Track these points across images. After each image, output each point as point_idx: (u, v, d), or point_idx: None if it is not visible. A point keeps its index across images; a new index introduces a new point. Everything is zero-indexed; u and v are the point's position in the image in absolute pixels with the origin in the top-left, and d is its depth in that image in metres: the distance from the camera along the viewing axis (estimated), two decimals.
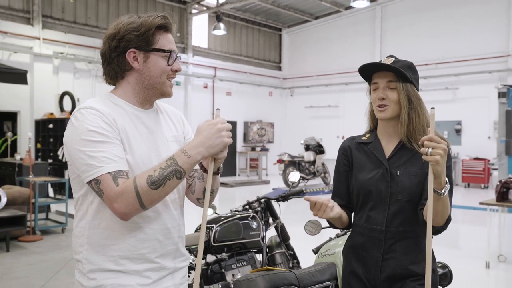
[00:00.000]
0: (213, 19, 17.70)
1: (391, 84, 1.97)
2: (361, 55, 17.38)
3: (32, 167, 8.22)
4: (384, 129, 2.06)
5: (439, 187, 1.74)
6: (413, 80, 1.99)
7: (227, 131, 1.62)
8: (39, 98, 12.95)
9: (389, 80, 1.98)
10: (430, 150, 1.67)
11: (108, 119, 1.61)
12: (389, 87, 1.98)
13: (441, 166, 1.69)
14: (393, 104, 1.97)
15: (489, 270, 5.93)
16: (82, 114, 1.60)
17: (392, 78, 1.97)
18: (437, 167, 1.68)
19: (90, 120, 1.58)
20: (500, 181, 6.06)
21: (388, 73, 1.98)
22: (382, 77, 1.99)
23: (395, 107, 1.97)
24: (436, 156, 1.66)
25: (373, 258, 2.00)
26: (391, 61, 1.99)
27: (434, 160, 1.66)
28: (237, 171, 19.38)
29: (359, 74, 2.08)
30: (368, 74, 2.07)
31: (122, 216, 1.55)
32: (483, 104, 15.17)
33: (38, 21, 13.13)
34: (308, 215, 2.61)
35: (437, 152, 1.66)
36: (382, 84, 1.99)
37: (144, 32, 1.66)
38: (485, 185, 14.74)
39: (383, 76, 1.99)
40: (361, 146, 2.12)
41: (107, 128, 1.59)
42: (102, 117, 1.60)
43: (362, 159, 2.09)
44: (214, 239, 3.47)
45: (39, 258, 6.34)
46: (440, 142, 1.68)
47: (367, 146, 2.10)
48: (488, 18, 15.36)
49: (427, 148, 1.67)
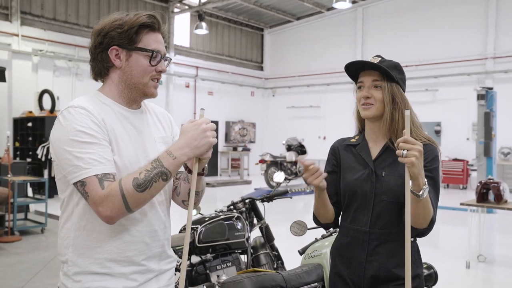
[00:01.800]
0: (195, 18, 17.63)
1: (377, 83, 1.98)
2: (343, 56, 17.49)
3: (11, 166, 8.06)
4: (371, 130, 2.06)
5: (417, 189, 1.72)
6: (399, 80, 2.00)
7: (211, 131, 1.61)
8: (17, 96, 12.73)
9: (375, 79, 1.98)
10: (405, 152, 1.65)
11: (97, 119, 1.58)
12: (374, 86, 1.98)
13: (417, 168, 1.67)
14: (378, 103, 1.97)
15: (469, 270, 6.00)
16: (71, 113, 1.57)
17: (377, 77, 1.98)
18: (413, 169, 1.67)
19: (78, 119, 1.55)
20: (480, 182, 6.14)
21: (373, 72, 1.99)
22: (368, 76, 2.00)
23: (379, 106, 1.97)
24: (411, 157, 1.64)
25: (357, 260, 2.00)
26: (378, 61, 2.00)
27: (409, 162, 1.65)
28: (218, 171, 19.33)
29: (345, 72, 2.08)
30: (354, 73, 2.07)
31: (107, 220, 1.53)
32: (462, 105, 15.40)
33: (17, 17, 12.90)
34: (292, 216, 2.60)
35: (412, 154, 1.65)
36: (367, 83, 2.00)
37: (127, 29, 1.63)
38: (464, 185, 14.96)
39: (369, 75, 2.00)
40: (349, 148, 2.13)
41: (96, 129, 1.56)
42: (91, 116, 1.58)
43: (350, 160, 2.09)
44: (198, 239, 3.44)
45: (18, 259, 6.22)
46: (415, 144, 1.66)
47: (355, 148, 2.11)
48: (467, 21, 15.61)
49: (402, 150, 1.66)
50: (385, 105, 1.97)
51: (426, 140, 1.99)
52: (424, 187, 1.73)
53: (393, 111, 1.97)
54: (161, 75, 1.75)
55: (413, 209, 1.77)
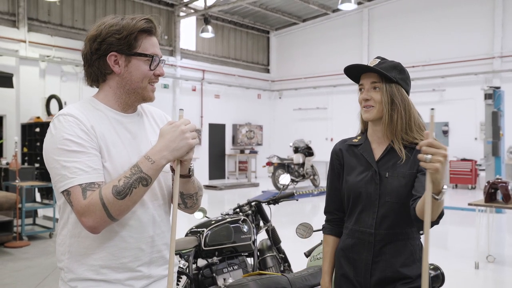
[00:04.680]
0: (201, 22, 17.67)
1: (375, 84, 1.98)
2: (349, 57, 17.45)
3: (19, 172, 8.11)
4: (374, 131, 2.06)
5: (437, 192, 1.61)
6: (399, 81, 1.99)
7: (191, 132, 1.57)
8: (25, 102, 12.80)
9: (373, 81, 1.99)
10: (429, 157, 1.52)
11: (85, 127, 1.57)
12: (373, 87, 1.99)
13: (441, 174, 1.54)
14: (377, 104, 1.97)
15: (478, 271, 5.96)
16: (60, 122, 1.57)
17: (375, 79, 1.98)
18: (436, 175, 1.54)
19: (66, 128, 1.55)
20: (488, 182, 6.10)
21: (372, 74, 2.00)
22: (367, 78, 2.01)
23: (380, 107, 1.97)
24: (436, 163, 1.51)
25: (363, 261, 1.99)
26: (377, 62, 2.00)
27: (433, 168, 1.51)
28: (226, 174, 19.34)
29: (346, 76, 2.09)
30: (356, 76, 2.08)
31: (91, 229, 1.51)
32: (470, 105, 15.31)
33: (24, 23, 13.00)
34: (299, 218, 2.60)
35: (437, 159, 1.52)
36: (367, 85, 2.01)
37: (126, 35, 1.60)
38: (473, 185, 14.86)
39: (368, 77, 2.01)
40: (351, 148, 2.12)
41: (84, 137, 1.55)
42: (80, 124, 1.56)
43: (352, 161, 2.08)
44: (205, 243, 3.44)
45: (26, 264, 6.25)
46: (440, 148, 1.53)
47: (357, 148, 2.10)
48: (473, 20, 15.52)
49: (425, 154, 1.53)
50: (383, 107, 1.97)
51: None
52: (443, 190, 1.62)
53: (391, 112, 1.97)
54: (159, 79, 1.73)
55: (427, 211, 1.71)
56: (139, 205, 1.62)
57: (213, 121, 18.66)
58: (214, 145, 18.77)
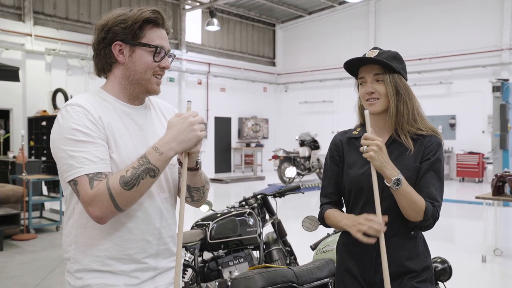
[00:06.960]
0: (207, 15, 17.63)
1: (378, 76, 1.94)
2: (355, 50, 17.31)
3: (26, 165, 8.15)
4: (375, 123, 2.01)
5: (387, 180, 1.81)
6: (400, 70, 1.95)
7: (199, 124, 1.56)
8: (31, 95, 12.84)
9: (376, 73, 1.94)
10: (365, 148, 1.80)
11: (93, 117, 1.57)
12: (376, 80, 1.94)
13: (378, 161, 1.79)
14: (382, 97, 1.93)
15: (486, 264, 5.93)
16: (68, 112, 1.57)
17: (378, 70, 1.94)
18: (374, 162, 1.80)
19: (74, 118, 1.55)
20: (496, 175, 6.05)
21: (374, 66, 1.95)
22: (369, 70, 1.96)
23: (385, 99, 1.94)
24: (370, 152, 1.78)
25: (368, 255, 1.96)
26: (376, 53, 1.95)
27: (368, 156, 1.79)
28: (232, 167, 19.36)
29: (345, 70, 2.04)
30: (354, 69, 2.03)
31: (97, 219, 1.51)
32: (477, 98, 15.20)
33: (30, 17, 13.01)
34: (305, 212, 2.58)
35: (370, 149, 1.78)
36: (369, 78, 1.95)
37: (131, 24, 1.61)
38: (480, 179, 14.79)
39: (369, 69, 1.96)
40: (352, 141, 2.07)
41: (91, 127, 1.55)
42: (87, 114, 1.56)
43: (353, 154, 2.04)
44: (210, 236, 3.44)
45: (34, 256, 6.29)
46: (374, 139, 1.79)
47: (357, 140, 2.03)
48: (481, 12, 15.38)
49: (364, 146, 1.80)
50: (389, 98, 1.93)
51: (430, 131, 1.96)
52: (394, 178, 1.79)
53: (397, 103, 1.93)
54: (165, 71, 1.72)
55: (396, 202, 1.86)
56: (147, 197, 1.62)
57: (219, 115, 18.64)
58: (220, 139, 18.77)
